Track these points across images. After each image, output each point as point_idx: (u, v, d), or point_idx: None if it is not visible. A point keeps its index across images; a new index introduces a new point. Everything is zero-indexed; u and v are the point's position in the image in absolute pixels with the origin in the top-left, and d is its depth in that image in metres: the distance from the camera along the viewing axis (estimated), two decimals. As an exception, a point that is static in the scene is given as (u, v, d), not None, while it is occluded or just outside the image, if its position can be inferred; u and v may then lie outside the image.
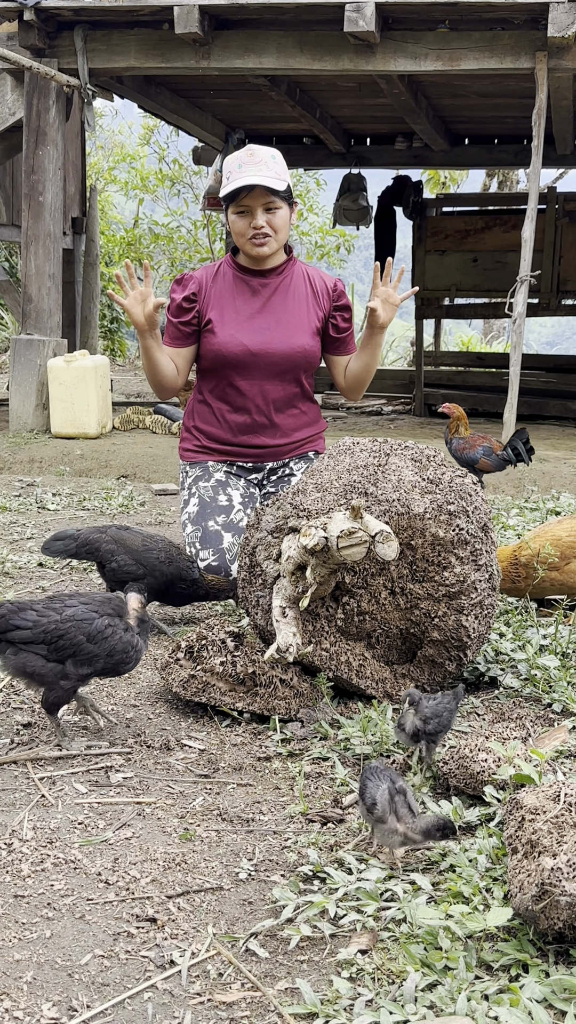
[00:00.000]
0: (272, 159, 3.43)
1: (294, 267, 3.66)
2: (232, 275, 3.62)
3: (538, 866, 1.59)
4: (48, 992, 1.52)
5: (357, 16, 6.38)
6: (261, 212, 3.43)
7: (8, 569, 3.73)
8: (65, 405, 6.98)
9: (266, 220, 3.44)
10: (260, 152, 3.42)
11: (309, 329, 3.60)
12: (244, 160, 3.41)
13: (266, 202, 3.43)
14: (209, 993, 1.52)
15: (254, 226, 3.44)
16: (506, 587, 3.20)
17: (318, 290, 3.66)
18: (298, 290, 3.63)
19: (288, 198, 3.50)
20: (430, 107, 8.93)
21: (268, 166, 3.40)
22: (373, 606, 2.57)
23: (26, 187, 7.23)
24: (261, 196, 3.41)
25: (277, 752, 2.33)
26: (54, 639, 2.25)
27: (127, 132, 18.41)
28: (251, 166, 3.39)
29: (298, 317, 3.60)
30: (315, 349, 3.62)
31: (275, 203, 3.44)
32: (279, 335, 3.55)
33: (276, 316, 3.56)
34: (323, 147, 10.55)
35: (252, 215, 3.44)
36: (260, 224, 3.43)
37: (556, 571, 3.17)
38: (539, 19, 6.37)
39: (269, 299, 3.59)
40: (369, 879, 1.76)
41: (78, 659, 2.27)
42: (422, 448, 2.77)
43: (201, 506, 3.59)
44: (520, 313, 6.52)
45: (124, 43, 7.09)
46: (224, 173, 3.46)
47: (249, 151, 3.43)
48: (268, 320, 3.56)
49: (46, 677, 2.27)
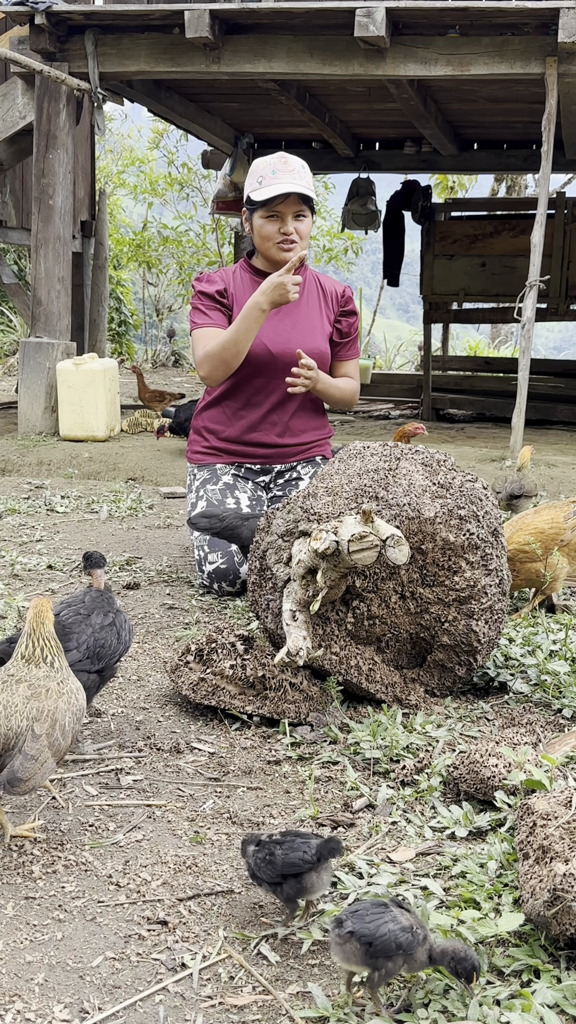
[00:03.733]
0: (303, 168, 3.55)
1: (306, 273, 3.72)
2: (249, 279, 3.68)
3: (550, 872, 1.59)
4: (60, 994, 1.52)
5: (368, 21, 6.38)
6: (291, 219, 3.51)
7: (18, 571, 3.74)
8: (74, 408, 6.99)
9: (295, 227, 3.52)
10: (293, 160, 3.51)
11: (323, 333, 3.67)
12: (278, 167, 3.47)
13: (297, 210, 3.52)
14: (220, 996, 1.52)
15: (284, 232, 3.52)
16: None
17: (328, 295, 3.71)
18: (311, 295, 3.69)
19: (313, 208, 3.57)
20: (439, 112, 8.93)
21: (300, 175, 3.50)
22: (383, 610, 2.57)
23: (36, 190, 7.25)
24: (294, 204, 3.49)
25: (287, 756, 2.33)
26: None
27: (136, 136, 18.44)
28: (285, 173, 3.46)
29: (313, 321, 3.66)
30: (327, 351, 3.68)
31: (304, 211, 3.55)
32: (297, 337, 3.61)
33: (293, 319, 3.63)
34: (332, 151, 10.56)
35: (283, 221, 3.51)
36: (290, 230, 3.52)
37: (538, 563, 3.17)
38: (549, 25, 6.36)
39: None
40: (380, 884, 1.76)
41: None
42: (432, 452, 2.77)
43: (209, 509, 3.61)
44: (529, 318, 6.52)
45: (135, 47, 7.10)
46: (254, 177, 3.51)
47: (283, 158, 3.50)
48: (286, 322, 3.62)
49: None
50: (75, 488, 5.61)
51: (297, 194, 3.45)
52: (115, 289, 14.45)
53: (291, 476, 3.78)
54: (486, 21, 6.49)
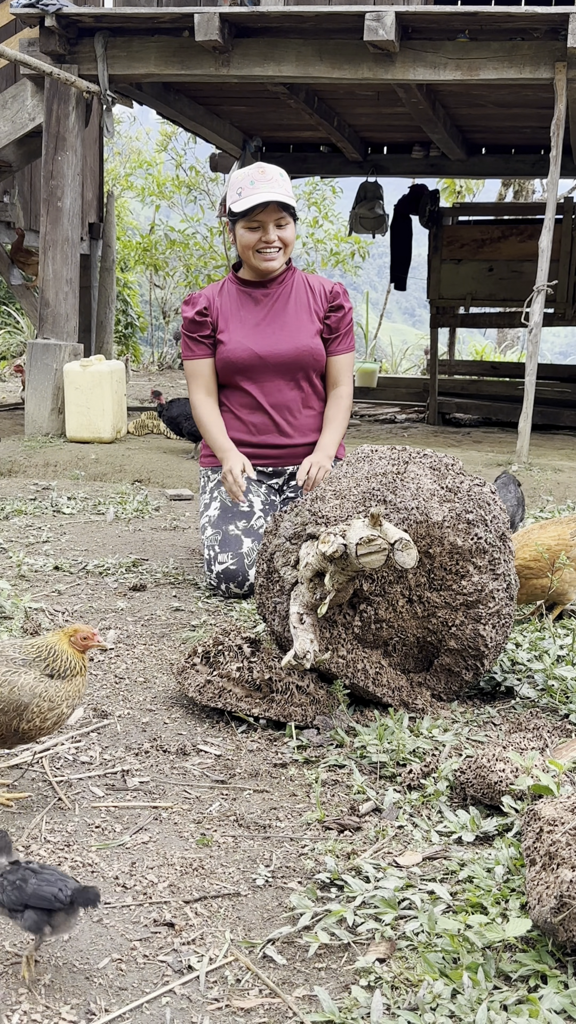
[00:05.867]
0: (281, 177, 3.61)
1: (293, 276, 3.79)
2: (236, 290, 3.77)
3: (557, 878, 1.59)
4: (66, 995, 1.52)
5: (377, 25, 6.39)
6: (273, 227, 3.58)
7: (24, 572, 3.74)
8: (80, 409, 7.00)
9: (277, 235, 3.58)
10: (270, 170, 3.58)
11: (311, 330, 3.73)
12: (256, 177, 3.55)
13: (278, 218, 3.59)
14: (227, 999, 1.52)
15: (266, 240, 3.60)
16: None
17: (316, 294, 3.78)
18: (299, 296, 3.75)
19: (294, 214, 3.64)
20: (448, 116, 8.94)
21: (279, 183, 3.57)
22: (390, 614, 2.57)
23: (45, 192, 7.27)
24: (274, 212, 3.55)
25: (293, 759, 2.33)
26: None
27: (144, 138, 18.47)
28: (263, 183, 3.53)
29: (300, 320, 3.72)
30: (319, 348, 3.73)
31: (285, 219, 3.62)
32: (284, 337, 3.67)
33: (280, 321, 3.69)
34: (340, 155, 10.57)
35: (264, 230, 3.58)
36: (273, 238, 3.60)
37: (543, 579, 3.17)
38: (559, 30, 6.37)
39: (272, 307, 3.73)
40: (387, 888, 1.76)
41: None
42: (441, 456, 2.77)
43: (222, 510, 3.63)
44: (536, 323, 6.52)
45: (144, 50, 7.12)
46: (234, 189, 3.58)
47: (260, 168, 3.57)
48: (272, 325, 3.69)
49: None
50: (81, 489, 5.62)
51: (276, 202, 3.51)
52: (122, 291, 14.46)
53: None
54: (495, 26, 6.49)
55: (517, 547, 3.19)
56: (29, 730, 2.03)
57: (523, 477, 6.05)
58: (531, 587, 3.18)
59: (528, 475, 6.12)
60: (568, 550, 3.19)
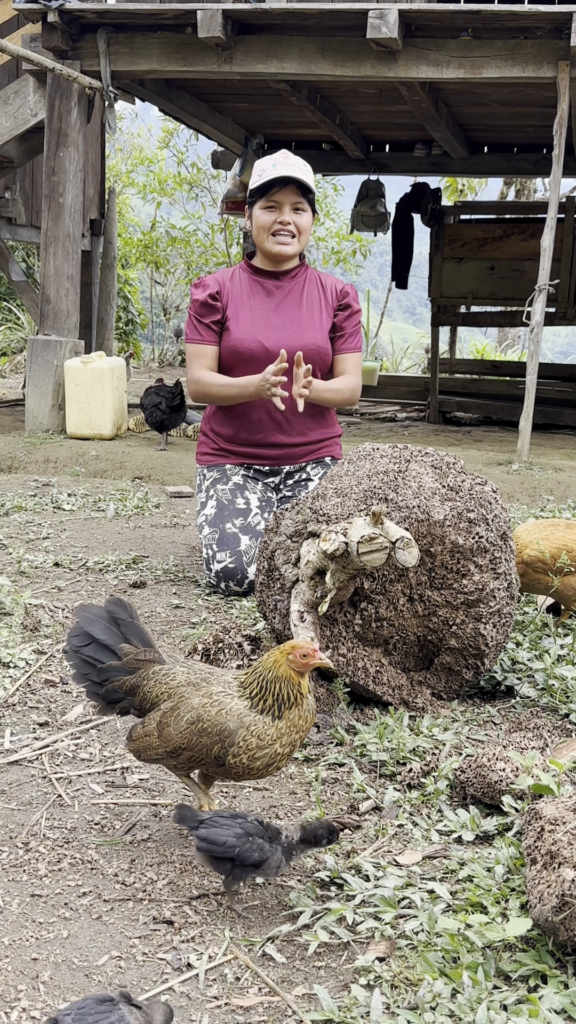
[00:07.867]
0: (304, 166, 3.60)
1: (306, 272, 3.76)
2: (248, 278, 3.71)
3: (558, 877, 1.58)
4: (65, 992, 1.52)
5: (380, 23, 6.38)
6: (289, 209, 3.54)
7: (24, 568, 3.74)
8: (81, 406, 6.99)
9: (292, 220, 3.55)
10: (295, 158, 3.61)
11: (321, 329, 3.70)
12: (279, 161, 3.56)
13: (295, 201, 3.55)
14: (226, 997, 1.52)
15: (281, 221, 3.56)
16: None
17: (328, 291, 3.76)
18: (310, 293, 3.72)
19: (313, 205, 3.60)
20: (450, 115, 8.93)
21: (301, 170, 3.55)
22: (391, 612, 2.56)
23: (46, 188, 7.26)
24: (292, 194, 3.52)
25: (293, 757, 2.32)
26: None
27: (146, 135, 18.46)
28: (287, 167, 3.52)
29: (310, 317, 3.69)
30: (327, 347, 3.70)
31: (303, 204, 3.58)
32: (293, 333, 3.64)
33: (290, 316, 3.66)
34: (342, 153, 10.56)
35: (280, 210, 3.54)
36: (287, 220, 3.56)
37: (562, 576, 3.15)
38: (562, 28, 6.36)
39: (283, 300, 3.70)
40: (387, 886, 1.76)
41: None
42: (442, 455, 2.76)
43: (219, 508, 3.61)
44: (538, 322, 6.51)
45: (147, 46, 7.11)
46: (256, 172, 3.57)
47: (284, 154, 3.58)
48: (282, 319, 3.65)
49: None
50: (82, 486, 5.61)
51: (296, 185, 3.50)
52: (123, 288, 14.46)
53: (300, 477, 3.78)
54: (499, 24, 6.48)
55: (535, 537, 3.11)
56: (235, 766, 1.82)
57: (524, 476, 6.05)
58: (537, 579, 3.12)
59: (529, 474, 6.11)
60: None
